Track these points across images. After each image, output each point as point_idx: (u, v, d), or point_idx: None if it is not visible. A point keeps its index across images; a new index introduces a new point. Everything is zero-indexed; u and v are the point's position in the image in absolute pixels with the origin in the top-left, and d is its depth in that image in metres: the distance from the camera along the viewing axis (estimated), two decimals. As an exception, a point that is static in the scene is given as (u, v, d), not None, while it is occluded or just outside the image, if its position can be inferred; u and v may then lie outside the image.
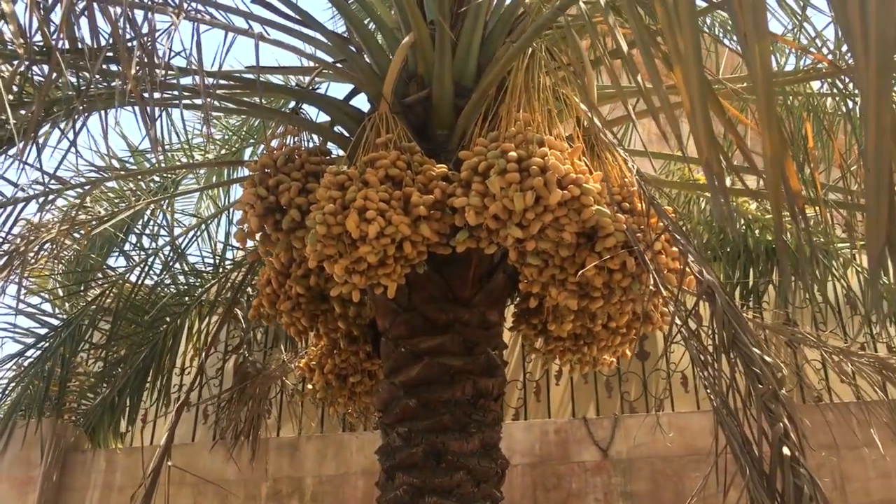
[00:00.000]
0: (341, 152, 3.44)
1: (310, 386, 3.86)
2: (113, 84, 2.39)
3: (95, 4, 1.95)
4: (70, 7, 1.88)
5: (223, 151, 4.82)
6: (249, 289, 4.63)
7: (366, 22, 3.86)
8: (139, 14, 2.46)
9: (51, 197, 3.23)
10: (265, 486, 5.15)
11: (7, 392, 4.94)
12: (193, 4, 2.33)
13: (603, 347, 3.31)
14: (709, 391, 2.12)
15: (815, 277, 4.75)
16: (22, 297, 4.47)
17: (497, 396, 3.17)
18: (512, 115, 2.79)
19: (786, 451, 1.93)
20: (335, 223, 2.63)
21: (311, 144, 3.34)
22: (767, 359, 2.07)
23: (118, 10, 2.21)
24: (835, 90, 3.56)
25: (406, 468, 2.94)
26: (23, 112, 2.62)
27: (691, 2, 1.30)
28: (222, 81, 2.85)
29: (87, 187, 3.60)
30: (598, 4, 2.18)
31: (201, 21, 2.32)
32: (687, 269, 2.34)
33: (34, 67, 2.86)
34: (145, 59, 2.21)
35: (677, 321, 2.28)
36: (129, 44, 2.26)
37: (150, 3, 2.14)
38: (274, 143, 3.29)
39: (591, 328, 3.15)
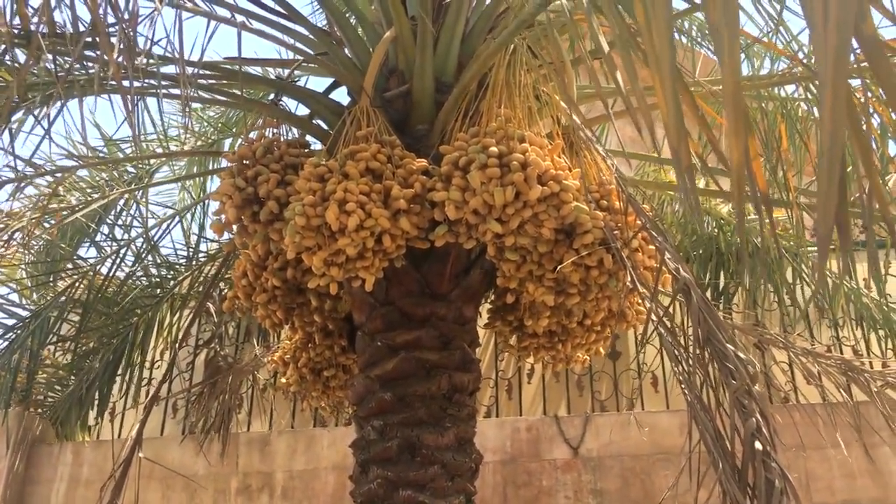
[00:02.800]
0: (320, 145, 3.44)
1: (283, 380, 3.85)
2: (91, 71, 2.35)
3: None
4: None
5: (200, 143, 4.78)
6: (223, 283, 4.59)
7: (347, 15, 3.85)
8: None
9: (23, 184, 3.18)
10: (235, 480, 5.11)
11: (-27, 383, 4.86)
12: (177, -7, 2.31)
13: (577, 345, 3.34)
14: (683, 386, 2.15)
15: (783, 280, 4.83)
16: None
17: (472, 391, 3.18)
18: (493, 111, 2.80)
19: (758, 445, 1.97)
20: (314, 215, 2.63)
21: (290, 136, 3.34)
22: (741, 355, 2.10)
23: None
24: (809, 95, 3.63)
25: (380, 462, 2.94)
26: (-4, 96, 2.58)
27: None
28: (202, 71, 2.83)
29: (59, 175, 3.55)
30: (579, 2, 2.20)
31: (183, 8, 2.30)
32: (663, 266, 2.38)
33: (8, 52, 2.82)
34: (127, 46, 2.19)
35: (653, 317, 2.30)
36: (111, 29, 2.24)
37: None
38: (253, 135, 3.28)
39: (567, 325, 3.18)
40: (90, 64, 2.75)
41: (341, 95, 3.69)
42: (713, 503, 2.06)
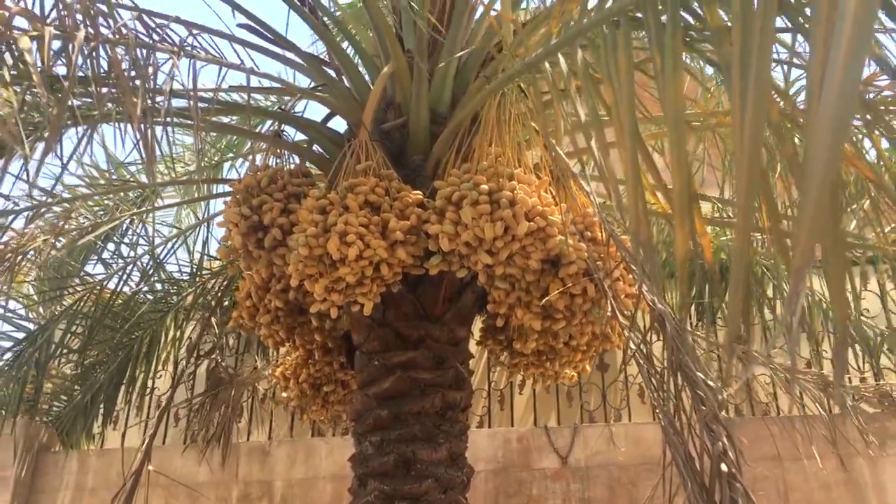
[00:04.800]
0: (317, 170, 3.62)
1: (285, 394, 4.03)
2: (111, 107, 2.53)
3: (101, 44, 2.11)
4: (80, 49, 2.03)
5: (203, 164, 4.95)
6: (225, 300, 4.77)
7: (345, 47, 4.03)
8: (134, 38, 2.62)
9: (41, 210, 3.35)
10: (236, 488, 5.29)
11: (-18, 393, 5.03)
12: (190, 40, 2.48)
13: (564, 363, 3.53)
14: (657, 410, 2.33)
15: (764, 297, 5.02)
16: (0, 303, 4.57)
17: (464, 408, 3.36)
18: (484, 147, 2.99)
19: (724, 467, 2.15)
20: (317, 245, 2.81)
21: (292, 165, 3.52)
22: (710, 383, 2.29)
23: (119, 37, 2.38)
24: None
25: (378, 475, 3.12)
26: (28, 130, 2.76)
27: (628, 60, 1.50)
28: (206, 105, 3.01)
29: (75, 202, 3.72)
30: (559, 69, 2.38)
31: (197, 58, 2.48)
32: (641, 297, 2.56)
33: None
34: (143, 91, 2.37)
35: (632, 345, 2.49)
36: (130, 73, 2.42)
37: (151, 42, 2.31)
38: (258, 159, 3.46)
39: (554, 346, 3.36)
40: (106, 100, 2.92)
41: (339, 123, 3.87)
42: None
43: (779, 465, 4.62)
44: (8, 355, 4.99)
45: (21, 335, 4.99)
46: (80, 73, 2.54)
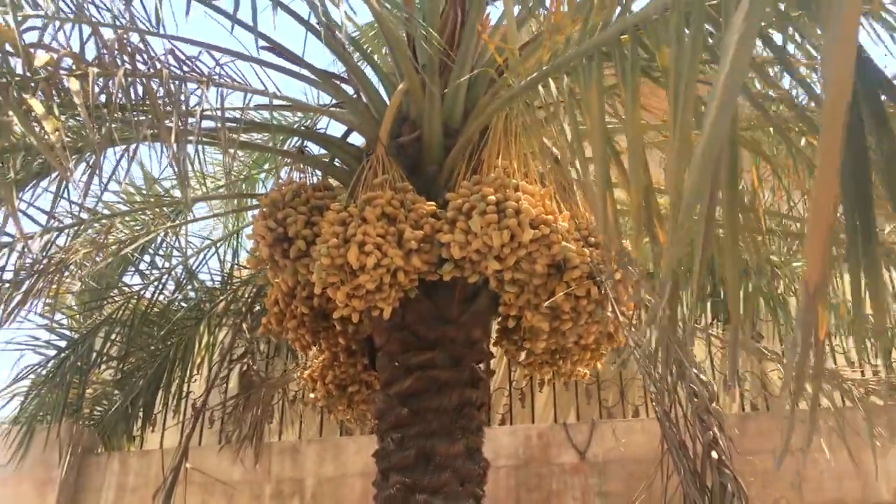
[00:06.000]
0: (339, 183, 3.84)
1: (312, 395, 4.26)
2: (148, 132, 2.77)
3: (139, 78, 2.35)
4: (121, 84, 2.27)
5: (232, 177, 5.23)
6: (256, 306, 5.01)
7: (362, 65, 4.24)
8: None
9: (82, 227, 3.62)
10: (268, 486, 5.53)
11: (29, 399, 5.32)
12: (217, 69, 2.72)
13: (576, 361, 3.72)
14: (654, 403, 2.52)
15: (774, 294, 5.15)
16: (43, 313, 4.85)
17: (480, 405, 3.56)
18: (492, 160, 3.19)
19: (714, 454, 2.33)
20: (338, 255, 3.03)
21: (314, 179, 3.75)
22: (702, 377, 2.47)
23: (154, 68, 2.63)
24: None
25: (399, 469, 3.32)
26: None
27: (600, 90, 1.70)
28: (234, 125, 3.25)
29: (114, 218, 3.99)
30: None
31: (223, 85, 2.71)
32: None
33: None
34: (178, 115, 2.60)
35: (630, 344, 2.68)
36: (164, 100, 2.65)
37: (182, 73, 2.54)
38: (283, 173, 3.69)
39: (564, 345, 3.55)
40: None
41: (358, 137, 4.09)
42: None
43: (791, 456, 4.75)
44: (52, 363, 5.28)
45: (63, 343, 5.27)
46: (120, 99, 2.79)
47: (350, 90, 4.02)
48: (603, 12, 1.75)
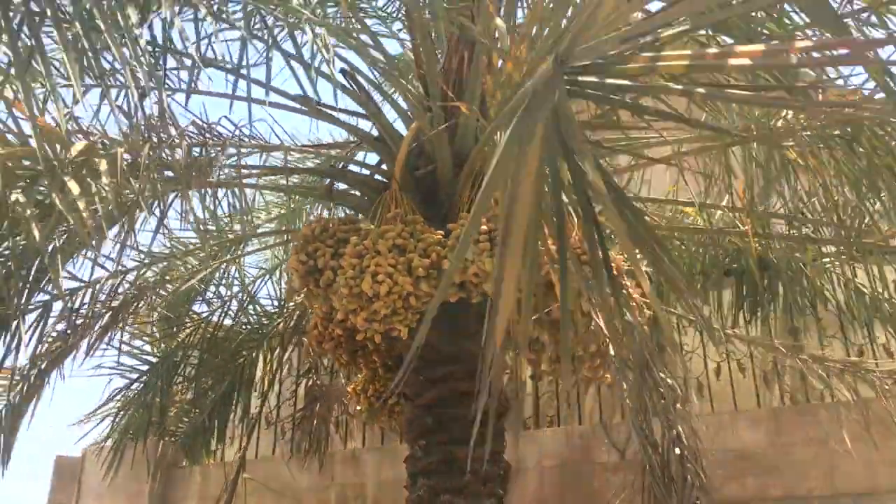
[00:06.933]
0: (362, 216, 4.24)
1: (358, 407, 4.67)
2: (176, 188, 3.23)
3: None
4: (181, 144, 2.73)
5: (282, 211, 5.75)
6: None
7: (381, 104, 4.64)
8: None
9: (144, 269, 4.15)
10: (333, 492, 5.99)
11: (118, 420, 5.93)
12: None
13: (590, 367, 4.00)
14: (627, 402, 2.80)
15: (807, 291, 5.29)
16: (126, 341, 5.43)
17: (500, 414, 3.89)
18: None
19: (677, 450, 2.60)
20: (354, 284, 3.42)
21: (342, 212, 4.17)
22: (669, 381, 2.74)
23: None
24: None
25: (425, 473, 3.69)
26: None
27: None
28: (268, 175, 3.69)
29: (185, 255, 4.54)
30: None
31: (242, 145, 3.15)
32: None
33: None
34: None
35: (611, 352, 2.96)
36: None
37: (204, 139, 2.99)
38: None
39: (575, 353, 3.84)
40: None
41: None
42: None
43: (825, 447, 4.88)
44: (136, 385, 5.88)
45: (145, 367, 5.87)
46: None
47: (375, 131, 4.41)
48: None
